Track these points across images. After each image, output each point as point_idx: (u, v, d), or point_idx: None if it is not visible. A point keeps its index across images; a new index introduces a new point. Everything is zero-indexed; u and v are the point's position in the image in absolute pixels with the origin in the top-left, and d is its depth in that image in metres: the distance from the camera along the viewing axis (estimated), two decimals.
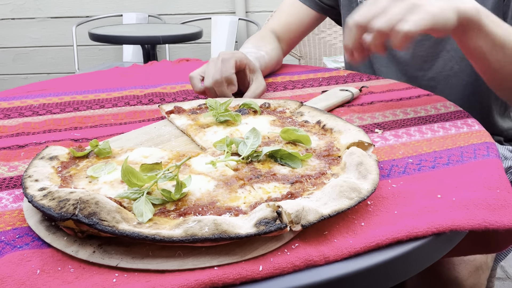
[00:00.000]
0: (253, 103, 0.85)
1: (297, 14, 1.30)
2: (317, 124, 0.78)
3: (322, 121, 0.78)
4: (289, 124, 0.79)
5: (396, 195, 0.60)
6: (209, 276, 0.45)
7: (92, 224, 0.47)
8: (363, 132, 0.71)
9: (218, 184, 0.59)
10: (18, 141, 0.80)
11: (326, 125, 0.76)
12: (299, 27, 1.32)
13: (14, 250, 0.50)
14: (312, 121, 0.79)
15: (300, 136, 0.70)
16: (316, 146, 0.70)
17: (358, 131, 0.71)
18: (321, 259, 0.48)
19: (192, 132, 0.78)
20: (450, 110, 0.91)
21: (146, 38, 2.63)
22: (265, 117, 0.83)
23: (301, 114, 0.83)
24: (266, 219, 0.48)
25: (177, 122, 0.83)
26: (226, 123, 0.80)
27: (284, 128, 0.71)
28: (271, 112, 0.86)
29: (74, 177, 0.62)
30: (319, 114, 0.81)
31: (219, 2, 3.36)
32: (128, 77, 1.22)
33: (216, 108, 0.81)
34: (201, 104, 0.89)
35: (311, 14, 1.30)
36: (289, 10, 1.31)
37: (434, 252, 0.54)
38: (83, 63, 3.38)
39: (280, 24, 1.31)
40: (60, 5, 3.42)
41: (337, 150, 0.68)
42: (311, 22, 1.32)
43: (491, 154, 0.71)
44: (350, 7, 1.26)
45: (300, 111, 0.84)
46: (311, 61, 2.75)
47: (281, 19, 1.32)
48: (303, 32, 1.34)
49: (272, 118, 0.82)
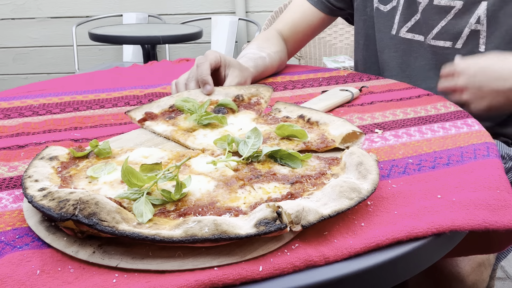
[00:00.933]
0: (229, 102, 0.84)
1: (306, 16, 1.29)
2: (300, 119, 0.78)
3: (305, 115, 0.78)
4: (271, 121, 0.80)
5: (396, 195, 0.60)
6: (209, 276, 0.45)
7: (92, 224, 0.47)
8: (348, 122, 0.73)
9: (218, 185, 0.59)
10: (18, 141, 0.80)
11: (311, 118, 0.77)
12: (306, 29, 1.30)
13: (14, 250, 0.50)
14: (292, 116, 0.80)
15: (296, 131, 0.71)
16: (310, 139, 0.71)
17: (343, 121, 0.73)
18: (321, 260, 0.48)
19: (180, 138, 0.76)
20: (450, 110, 0.91)
21: (146, 38, 2.63)
22: (245, 114, 0.83)
23: (279, 110, 0.83)
24: (266, 220, 0.48)
25: (157, 128, 0.80)
26: (211, 125, 0.79)
27: (279, 124, 0.72)
28: (247, 106, 0.86)
29: (74, 178, 0.62)
30: (297, 109, 0.82)
31: (219, 2, 3.36)
32: (128, 77, 1.22)
33: (195, 111, 0.79)
34: (171, 106, 0.86)
35: (320, 16, 1.29)
36: (297, 11, 1.30)
37: (434, 253, 0.54)
38: (83, 63, 3.38)
39: (288, 24, 1.30)
40: (60, 5, 3.42)
41: (332, 141, 0.69)
42: (319, 24, 1.31)
43: (491, 154, 0.71)
44: (364, 12, 1.25)
45: (277, 107, 0.84)
46: (311, 61, 2.75)
47: (289, 19, 1.30)
48: (310, 34, 1.33)
49: (252, 116, 0.82)
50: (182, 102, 0.82)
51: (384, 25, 1.20)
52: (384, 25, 1.20)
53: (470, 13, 1.07)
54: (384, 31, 1.21)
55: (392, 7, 1.18)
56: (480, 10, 1.05)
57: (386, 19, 1.20)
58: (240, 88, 0.91)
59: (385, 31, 1.20)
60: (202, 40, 2.94)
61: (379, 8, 1.21)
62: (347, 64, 2.41)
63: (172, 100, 0.86)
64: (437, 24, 1.11)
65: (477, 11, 1.06)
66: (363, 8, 1.26)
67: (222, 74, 1.00)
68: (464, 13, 1.07)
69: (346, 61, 2.51)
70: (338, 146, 0.70)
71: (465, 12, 1.07)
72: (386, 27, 1.20)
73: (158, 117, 0.84)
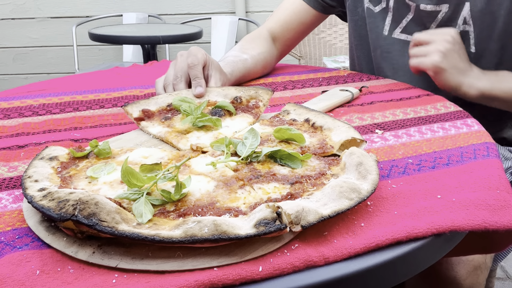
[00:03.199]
0: (227, 104, 0.84)
1: (298, 13, 1.28)
2: (306, 122, 0.78)
3: (310, 119, 0.78)
4: (277, 123, 0.79)
5: (396, 196, 0.60)
6: (208, 276, 0.45)
7: (92, 225, 0.47)
8: (353, 128, 0.71)
9: (218, 185, 0.59)
10: (18, 141, 0.80)
11: (316, 123, 0.76)
12: (298, 27, 1.29)
13: (14, 250, 0.50)
14: (299, 119, 0.80)
15: (294, 134, 0.70)
16: (309, 144, 0.71)
17: (348, 127, 0.72)
18: (320, 260, 0.48)
19: (173, 140, 0.76)
20: (450, 110, 0.91)
21: (146, 38, 2.63)
22: (242, 118, 0.83)
23: (288, 112, 0.82)
24: (265, 220, 0.48)
25: (152, 130, 0.80)
26: (206, 128, 0.79)
27: (277, 127, 0.71)
28: (245, 109, 0.85)
29: (74, 178, 0.62)
30: (306, 112, 0.81)
31: (219, 2, 3.36)
32: (128, 77, 1.22)
33: (191, 112, 0.78)
34: (169, 104, 0.85)
35: (312, 14, 1.28)
36: (289, 9, 1.29)
37: (434, 253, 0.54)
38: (83, 63, 3.38)
39: (280, 22, 1.28)
40: (60, 5, 3.42)
41: (330, 147, 0.68)
42: (311, 22, 1.30)
43: (491, 155, 0.71)
44: (356, 12, 1.25)
45: (286, 109, 0.83)
46: (311, 61, 2.75)
47: (281, 17, 1.29)
48: (302, 32, 1.32)
49: (249, 120, 0.82)
50: (180, 102, 0.81)
51: (375, 25, 1.20)
52: (375, 25, 1.20)
53: (457, 15, 1.07)
54: (376, 31, 1.20)
55: (382, 8, 1.18)
56: (465, 11, 1.06)
57: (377, 20, 1.20)
58: (240, 89, 0.90)
59: (377, 31, 1.20)
60: (202, 40, 2.94)
61: (370, 8, 1.20)
62: (347, 64, 2.41)
63: (171, 99, 0.86)
64: (429, 26, 1.11)
65: (462, 12, 1.06)
66: (354, 8, 1.26)
67: (205, 74, 0.97)
68: (451, 15, 1.08)
69: (346, 61, 2.51)
70: (336, 152, 0.69)
71: (452, 15, 1.08)
72: (378, 27, 1.20)
73: (154, 116, 0.83)
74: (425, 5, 1.09)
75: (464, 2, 1.05)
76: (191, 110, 0.79)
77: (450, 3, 1.07)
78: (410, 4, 1.12)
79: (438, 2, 1.08)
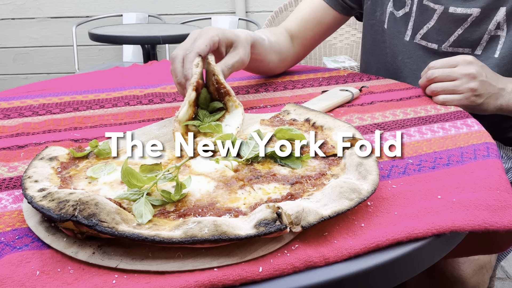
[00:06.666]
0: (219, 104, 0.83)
1: (317, 13, 1.23)
2: (306, 122, 0.78)
3: (311, 119, 0.78)
4: (277, 123, 0.79)
5: (396, 196, 0.60)
6: (208, 277, 0.45)
7: (92, 225, 0.47)
8: (353, 128, 0.71)
9: (218, 185, 0.59)
10: (18, 142, 0.80)
11: (316, 122, 0.76)
12: (316, 26, 1.24)
13: (14, 251, 0.50)
14: (300, 119, 0.79)
15: (295, 135, 0.70)
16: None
17: (348, 127, 0.72)
18: (321, 260, 0.48)
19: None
20: (450, 111, 0.91)
21: (146, 38, 2.63)
22: (236, 110, 0.82)
23: (288, 112, 0.82)
24: (266, 220, 0.48)
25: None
26: (211, 135, 0.77)
27: (278, 128, 0.71)
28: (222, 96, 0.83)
29: (74, 178, 0.62)
30: (306, 112, 0.80)
31: (219, 2, 3.36)
32: (128, 77, 1.22)
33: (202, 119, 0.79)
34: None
35: (332, 14, 1.23)
36: (308, 8, 1.24)
37: (434, 253, 0.54)
38: (83, 63, 3.38)
39: (297, 21, 1.23)
40: (60, 5, 3.42)
41: (331, 147, 0.68)
42: (330, 23, 1.25)
43: (491, 155, 0.71)
44: (373, 16, 1.22)
45: (286, 109, 0.83)
46: (311, 61, 2.74)
47: (299, 16, 1.24)
48: (321, 33, 1.27)
49: (240, 110, 0.81)
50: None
51: (397, 30, 1.18)
52: (397, 30, 1.18)
53: (488, 20, 1.05)
54: (398, 36, 1.18)
55: (404, 13, 1.15)
56: (499, 16, 1.03)
57: (399, 25, 1.17)
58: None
59: (399, 36, 1.18)
60: None
61: (393, 12, 1.18)
62: (347, 64, 2.41)
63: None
64: (454, 32, 1.09)
65: (496, 17, 1.04)
66: (372, 12, 1.23)
67: (223, 53, 0.91)
68: (481, 20, 1.05)
69: (346, 61, 2.51)
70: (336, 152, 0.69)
71: (482, 19, 1.05)
72: (400, 32, 1.17)
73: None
74: (455, 7, 1.06)
75: (498, 7, 1.03)
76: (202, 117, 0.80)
77: (483, 7, 1.04)
78: (435, 8, 1.09)
79: (470, 5, 1.05)
